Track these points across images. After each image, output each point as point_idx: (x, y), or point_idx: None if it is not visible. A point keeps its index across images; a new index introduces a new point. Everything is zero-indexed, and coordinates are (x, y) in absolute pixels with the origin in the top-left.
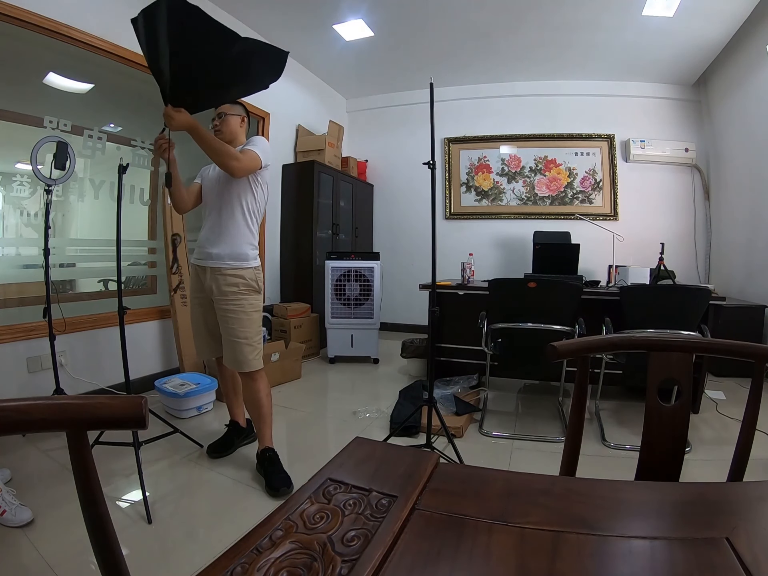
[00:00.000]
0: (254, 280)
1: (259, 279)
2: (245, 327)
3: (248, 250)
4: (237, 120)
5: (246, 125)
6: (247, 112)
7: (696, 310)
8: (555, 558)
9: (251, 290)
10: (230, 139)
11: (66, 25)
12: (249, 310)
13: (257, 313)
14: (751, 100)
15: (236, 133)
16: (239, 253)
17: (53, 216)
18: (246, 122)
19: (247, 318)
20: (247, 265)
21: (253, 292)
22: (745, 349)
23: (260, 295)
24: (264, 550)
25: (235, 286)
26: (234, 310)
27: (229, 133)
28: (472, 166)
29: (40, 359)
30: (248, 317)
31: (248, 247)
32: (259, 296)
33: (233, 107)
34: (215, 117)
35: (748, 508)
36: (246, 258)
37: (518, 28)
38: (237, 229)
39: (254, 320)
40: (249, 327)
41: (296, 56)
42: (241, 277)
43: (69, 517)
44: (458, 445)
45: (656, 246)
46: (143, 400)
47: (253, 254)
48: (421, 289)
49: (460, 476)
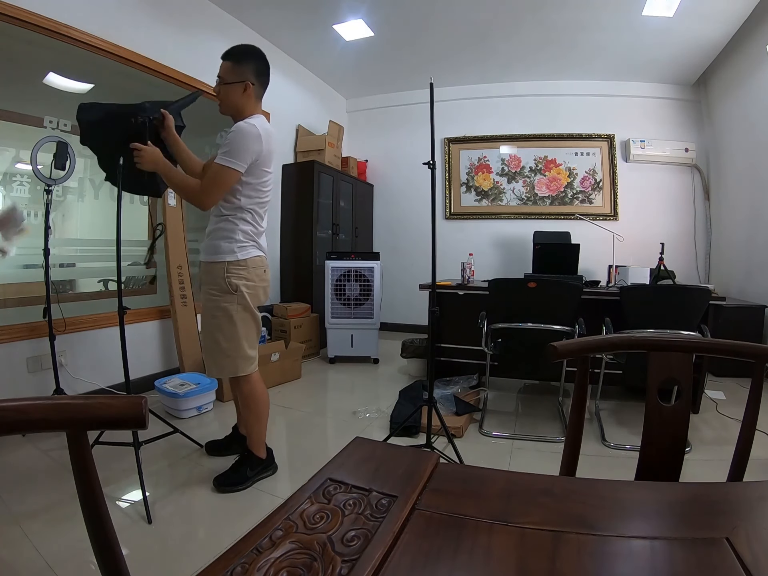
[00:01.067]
0: (222, 278)
1: (234, 277)
2: (212, 330)
3: (222, 243)
4: (237, 90)
5: (253, 91)
6: (256, 74)
7: (696, 310)
8: (555, 558)
9: (219, 290)
10: (232, 112)
11: (66, 25)
12: (216, 313)
13: (226, 317)
14: (751, 100)
15: (239, 106)
16: (212, 245)
17: (53, 216)
18: (252, 89)
19: (213, 321)
20: (218, 259)
21: (222, 292)
22: (745, 349)
23: (233, 296)
24: (264, 550)
25: (208, 283)
26: (206, 307)
27: (227, 106)
28: (472, 166)
29: (40, 359)
30: (215, 320)
31: (223, 240)
32: (232, 297)
33: (231, 72)
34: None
35: (748, 508)
36: (216, 251)
37: (518, 28)
38: (218, 221)
39: (222, 325)
40: (218, 331)
41: (296, 56)
42: (211, 273)
43: (69, 517)
44: (458, 445)
45: (656, 246)
46: (143, 400)
47: (228, 248)
48: (421, 289)
49: (460, 476)
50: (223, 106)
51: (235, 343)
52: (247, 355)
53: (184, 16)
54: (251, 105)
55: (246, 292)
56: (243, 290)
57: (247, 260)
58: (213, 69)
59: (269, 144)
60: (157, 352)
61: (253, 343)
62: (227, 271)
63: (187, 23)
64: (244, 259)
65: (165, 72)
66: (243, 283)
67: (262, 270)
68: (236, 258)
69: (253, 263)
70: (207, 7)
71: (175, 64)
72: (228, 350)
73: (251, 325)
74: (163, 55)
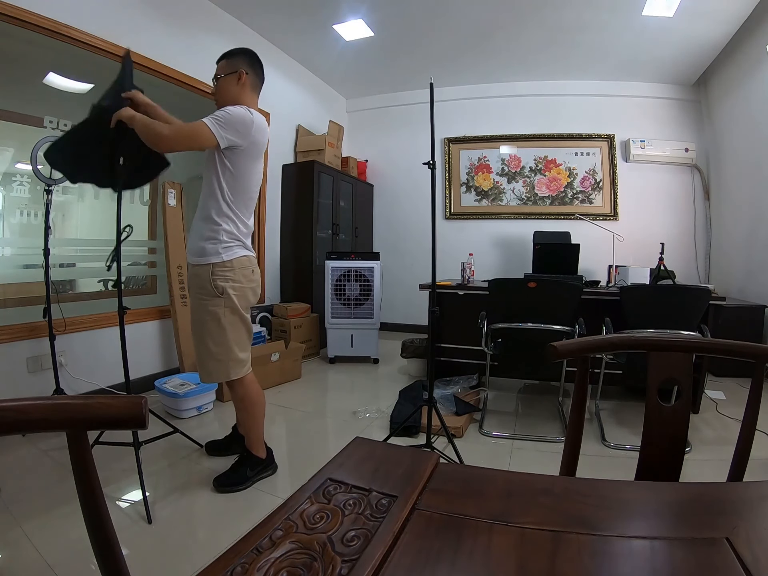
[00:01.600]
0: (208, 281)
1: (220, 279)
2: (202, 335)
3: (207, 245)
4: (232, 80)
5: (248, 80)
6: (249, 64)
7: (696, 310)
8: (555, 558)
9: (206, 293)
10: (228, 104)
11: (66, 25)
12: (204, 317)
13: (215, 321)
14: (751, 100)
15: (235, 95)
16: (196, 247)
17: (53, 216)
18: (247, 78)
19: (202, 325)
20: (203, 262)
21: (209, 296)
22: (745, 349)
23: (220, 299)
24: (264, 550)
25: (194, 286)
26: (195, 311)
27: (223, 98)
28: (472, 166)
29: (40, 359)
30: (204, 324)
31: (208, 242)
32: (219, 300)
33: (224, 67)
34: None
35: (748, 508)
36: (201, 253)
37: (518, 28)
38: (202, 220)
39: (210, 329)
40: (207, 335)
41: (296, 56)
42: (197, 276)
43: (69, 517)
44: (458, 445)
45: (656, 246)
46: (143, 400)
47: (213, 249)
48: (421, 289)
49: (460, 476)
50: (220, 101)
51: (225, 347)
52: (239, 358)
53: (183, 16)
54: (247, 95)
55: (233, 294)
56: (230, 292)
57: (233, 261)
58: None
59: (259, 136)
60: (157, 352)
61: (244, 345)
62: (213, 274)
63: (187, 23)
64: (230, 260)
65: (165, 72)
66: (230, 285)
67: (249, 270)
68: (221, 259)
69: (239, 264)
70: (207, 7)
71: (175, 64)
72: (218, 354)
73: (240, 328)
74: (162, 55)
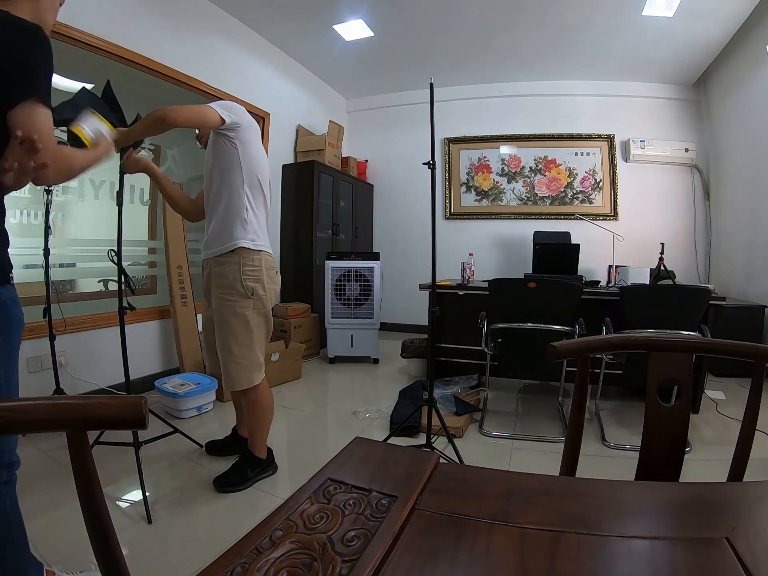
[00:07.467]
0: (238, 281)
1: (251, 279)
2: (226, 336)
3: (232, 229)
4: None
5: None
6: None
7: (696, 310)
8: (555, 558)
9: (234, 293)
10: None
11: (66, 25)
12: (230, 318)
13: (242, 323)
14: (751, 100)
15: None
16: (220, 233)
17: (53, 216)
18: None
19: (227, 326)
20: (231, 247)
21: (237, 296)
22: (745, 349)
23: (249, 300)
24: (264, 550)
25: (220, 286)
26: (219, 311)
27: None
28: (472, 166)
29: (40, 359)
30: (228, 326)
31: (233, 226)
32: (248, 302)
33: None
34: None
35: (748, 508)
36: (228, 238)
37: (518, 28)
38: (218, 210)
39: (236, 331)
40: (231, 337)
41: (296, 56)
42: (223, 274)
43: (69, 517)
44: (458, 445)
45: (656, 246)
46: (143, 400)
47: (240, 233)
48: (421, 289)
49: (460, 476)
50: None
51: (249, 350)
52: (260, 362)
53: (184, 17)
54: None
55: (262, 295)
56: (260, 293)
57: (261, 257)
58: (213, 69)
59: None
60: (157, 352)
61: (263, 347)
62: (243, 273)
63: (188, 23)
64: (258, 251)
65: (165, 72)
66: (260, 286)
67: (274, 271)
68: (249, 246)
69: (267, 263)
70: (207, 7)
71: (175, 65)
72: (240, 358)
73: (263, 331)
74: (163, 55)
